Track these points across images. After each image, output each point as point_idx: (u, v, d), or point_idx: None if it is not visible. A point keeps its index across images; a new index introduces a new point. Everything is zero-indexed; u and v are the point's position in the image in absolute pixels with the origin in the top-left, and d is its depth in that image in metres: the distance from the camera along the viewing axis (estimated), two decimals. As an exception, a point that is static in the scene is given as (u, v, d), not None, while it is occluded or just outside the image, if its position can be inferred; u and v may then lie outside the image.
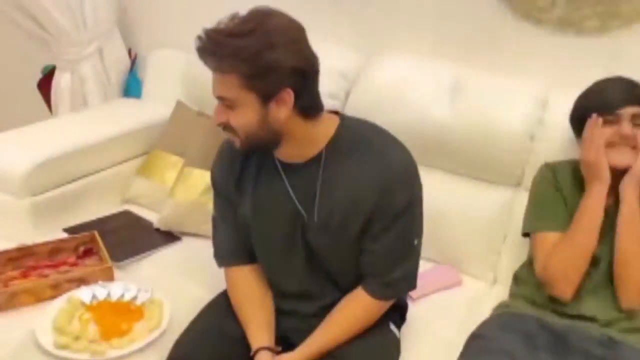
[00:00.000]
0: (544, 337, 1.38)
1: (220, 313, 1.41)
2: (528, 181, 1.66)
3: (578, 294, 1.41)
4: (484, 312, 1.57)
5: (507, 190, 1.74)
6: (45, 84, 2.46)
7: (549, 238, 1.45)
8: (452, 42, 1.90)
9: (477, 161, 1.74)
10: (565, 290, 1.40)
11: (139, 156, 2.15)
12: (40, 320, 1.40)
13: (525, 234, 1.55)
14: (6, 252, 1.60)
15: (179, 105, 2.15)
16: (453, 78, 1.78)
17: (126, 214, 2.00)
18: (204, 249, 1.81)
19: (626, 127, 1.40)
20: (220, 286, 1.50)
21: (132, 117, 2.20)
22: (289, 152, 1.25)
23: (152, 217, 1.96)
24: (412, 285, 1.34)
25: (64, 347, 1.33)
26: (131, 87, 2.54)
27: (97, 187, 2.01)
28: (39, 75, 2.54)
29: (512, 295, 1.56)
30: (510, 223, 1.71)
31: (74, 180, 1.94)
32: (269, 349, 1.29)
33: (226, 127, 1.20)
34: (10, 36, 2.53)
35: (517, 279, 1.57)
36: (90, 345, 1.34)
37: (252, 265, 1.39)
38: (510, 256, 1.70)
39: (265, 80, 1.12)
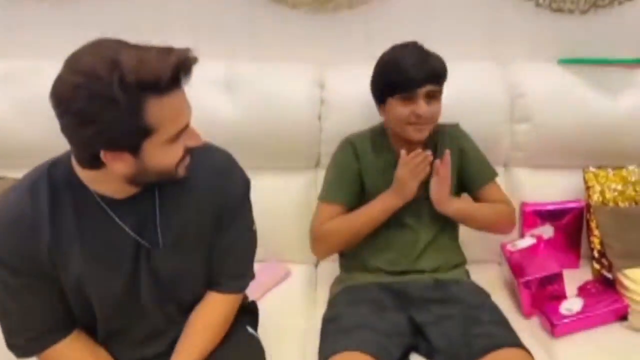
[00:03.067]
0: (388, 298, 1.49)
1: None
2: (325, 159, 1.73)
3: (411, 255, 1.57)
4: (323, 293, 1.64)
5: (309, 172, 1.80)
6: None
7: (331, 208, 1.57)
8: (215, 39, 1.84)
9: (273, 152, 1.76)
10: (322, 255, 1.66)
11: None
12: None
13: None
14: None
15: None
16: (226, 75, 1.75)
17: None
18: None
19: (422, 107, 1.46)
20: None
21: None
22: (116, 186, 1.10)
23: None
24: (253, 275, 1.32)
25: None
26: None
27: None
28: None
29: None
30: (318, 203, 1.77)
31: None
32: None
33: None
34: None
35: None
36: None
37: (75, 333, 1.20)
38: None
39: None
